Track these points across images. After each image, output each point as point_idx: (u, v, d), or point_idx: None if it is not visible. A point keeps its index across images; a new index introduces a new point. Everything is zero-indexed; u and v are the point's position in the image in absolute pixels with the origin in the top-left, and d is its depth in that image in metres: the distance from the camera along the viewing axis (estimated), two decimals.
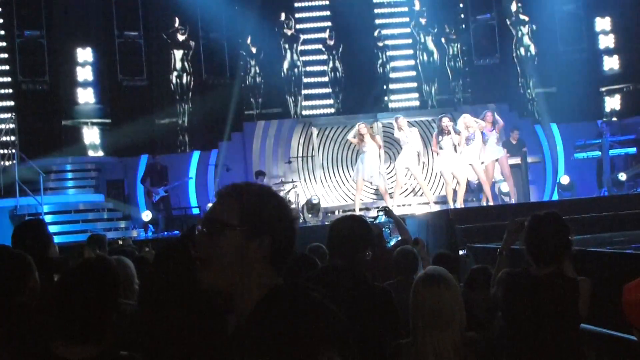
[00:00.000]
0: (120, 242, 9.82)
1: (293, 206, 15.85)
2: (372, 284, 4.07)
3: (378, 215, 12.49)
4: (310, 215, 16.37)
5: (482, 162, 14.36)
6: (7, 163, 16.61)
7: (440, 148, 14.26)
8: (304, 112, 19.72)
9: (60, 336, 2.85)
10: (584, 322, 4.33)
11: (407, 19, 20.16)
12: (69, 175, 17.49)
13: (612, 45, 19.93)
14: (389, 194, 15.60)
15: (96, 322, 2.87)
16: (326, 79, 19.83)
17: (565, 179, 17.20)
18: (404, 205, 16.79)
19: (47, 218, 14.48)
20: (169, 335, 3.87)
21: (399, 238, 7.29)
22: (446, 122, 14.25)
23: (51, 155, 17.06)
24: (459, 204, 13.98)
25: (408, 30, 20.02)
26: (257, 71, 19.62)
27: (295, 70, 19.44)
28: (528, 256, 4.21)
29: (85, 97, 18.36)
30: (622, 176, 16.17)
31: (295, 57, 19.34)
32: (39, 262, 4.24)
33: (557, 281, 4.09)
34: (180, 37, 18.85)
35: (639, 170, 16.68)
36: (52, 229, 4.47)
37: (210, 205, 15.77)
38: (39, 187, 14.78)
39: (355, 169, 15.43)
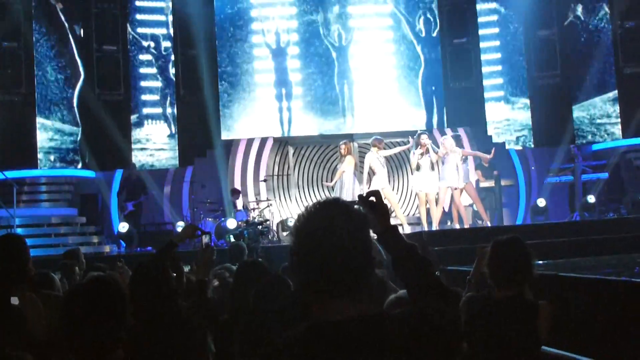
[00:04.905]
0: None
1: (268, 223, 15.86)
2: None
3: None
4: (284, 234, 16.34)
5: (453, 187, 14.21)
6: None
7: (418, 168, 13.99)
8: (282, 131, 19.75)
9: (74, 353, 2.86)
10: (545, 345, 4.40)
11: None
12: (43, 188, 17.35)
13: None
14: None
15: (109, 338, 2.88)
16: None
17: (541, 202, 17.28)
18: None
19: (19, 231, 14.36)
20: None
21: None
22: (425, 139, 13.98)
23: (25, 167, 16.91)
24: (435, 226, 13.93)
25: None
26: (233, 88, 19.70)
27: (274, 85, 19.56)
28: (490, 280, 4.31)
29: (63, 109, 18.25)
30: (591, 198, 16.33)
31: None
32: (17, 277, 4.26)
33: (517, 304, 4.19)
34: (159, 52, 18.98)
35: (601, 187, 16.89)
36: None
37: (181, 223, 15.51)
38: (12, 199, 14.65)
39: (337, 191, 14.86)
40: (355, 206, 2.30)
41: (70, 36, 18.15)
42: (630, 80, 18.89)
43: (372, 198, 2.45)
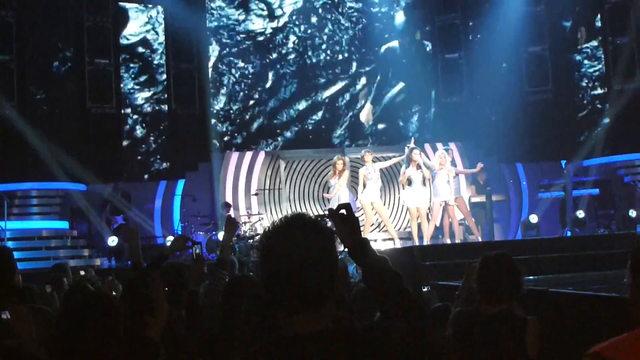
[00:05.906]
0: (83, 273, 9.27)
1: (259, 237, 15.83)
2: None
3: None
4: None
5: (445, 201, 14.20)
6: None
7: (409, 182, 13.89)
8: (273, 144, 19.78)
9: None
10: None
11: None
12: (34, 201, 17.27)
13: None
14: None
15: (102, 353, 2.88)
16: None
17: (533, 218, 17.27)
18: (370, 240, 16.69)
19: (10, 244, 14.32)
20: None
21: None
22: (416, 155, 13.91)
23: (16, 180, 16.85)
24: (427, 241, 13.90)
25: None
26: (226, 101, 19.71)
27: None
28: (479, 295, 4.33)
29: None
30: (580, 214, 16.41)
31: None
32: (5, 290, 4.24)
33: (506, 320, 4.20)
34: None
35: (588, 203, 16.95)
36: (14, 255, 4.43)
37: (171, 238, 15.54)
38: (3, 212, 14.62)
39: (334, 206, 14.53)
40: (326, 219, 2.31)
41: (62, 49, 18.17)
42: (620, 96, 18.96)
43: (343, 211, 2.44)
